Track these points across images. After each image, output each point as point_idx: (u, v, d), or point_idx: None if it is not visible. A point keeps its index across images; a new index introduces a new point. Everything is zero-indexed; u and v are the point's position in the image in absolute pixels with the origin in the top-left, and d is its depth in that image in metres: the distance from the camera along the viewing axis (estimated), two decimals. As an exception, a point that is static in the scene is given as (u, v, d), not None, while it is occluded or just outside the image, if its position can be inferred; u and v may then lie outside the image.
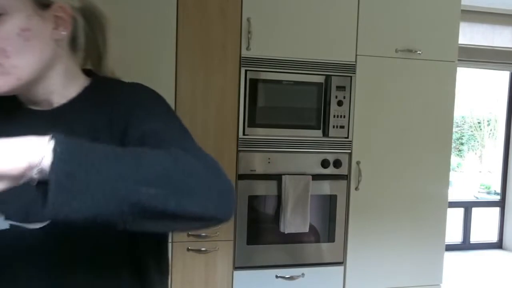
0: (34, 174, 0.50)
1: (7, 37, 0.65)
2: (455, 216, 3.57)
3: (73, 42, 0.76)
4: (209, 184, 0.59)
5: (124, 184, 0.53)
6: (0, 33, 0.64)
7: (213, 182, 0.60)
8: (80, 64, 0.80)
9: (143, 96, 0.76)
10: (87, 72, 0.80)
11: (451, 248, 3.60)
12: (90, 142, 0.54)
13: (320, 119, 2.09)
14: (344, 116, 2.09)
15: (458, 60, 2.24)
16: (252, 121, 2.01)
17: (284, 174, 2.02)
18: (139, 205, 0.53)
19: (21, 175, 0.51)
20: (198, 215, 0.58)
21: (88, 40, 0.78)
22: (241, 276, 2.03)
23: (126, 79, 0.82)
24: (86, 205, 0.50)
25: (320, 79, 2.07)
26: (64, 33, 0.71)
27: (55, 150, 0.50)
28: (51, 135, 0.52)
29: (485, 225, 4.15)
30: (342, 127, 2.10)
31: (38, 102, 0.75)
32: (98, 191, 0.51)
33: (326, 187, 2.12)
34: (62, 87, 0.75)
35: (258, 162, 2.01)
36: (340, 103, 2.08)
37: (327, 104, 2.08)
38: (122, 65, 2.02)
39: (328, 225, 2.14)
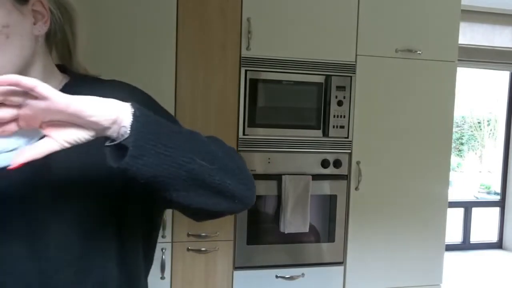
0: (116, 130, 0.57)
1: None
2: (455, 216, 3.57)
3: (47, 37, 0.74)
4: (243, 170, 0.71)
5: (185, 152, 0.61)
6: None
7: (245, 170, 0.72)
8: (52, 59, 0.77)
9: (148, 99, 0.79)
10: (60, 68, 0.78)
11: (451, 248, 3.60)
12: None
13: (320, 119, 2.09)
14: (344, 116, 2.10)
15: (458, 60, 2.24)
16: (252, 121, 2.01)
17: (284, 174, 2.02)
18: (192, 173, 0.61)
19: (106, 128, 0.56)
20: (233, 193, 0.67)
21: (59, 34, 0.76)
22: (241, 276, 2.03)
23: (126, 79, 0.81)
24: (154, 164, 0.57)
25: (320, 79, 2.07)
26: (44, 28, 0.70)
27: (134, 114, 0.57)
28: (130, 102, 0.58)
29: (485, 225, 4.16)
30: (342, 127, 2.10)
31: None
32: (165, 154, 0.58)
33: (326, 187, 2.12)
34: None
35: (258, 162, 2.01)
36: (340, 103, 2.08)
37: (327, 104, 2.08)
38: (122, 65, 2.03)
39: (328, 225, 2.14)
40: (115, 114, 0.57)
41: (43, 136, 0.57)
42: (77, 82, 0.76)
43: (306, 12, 2.03)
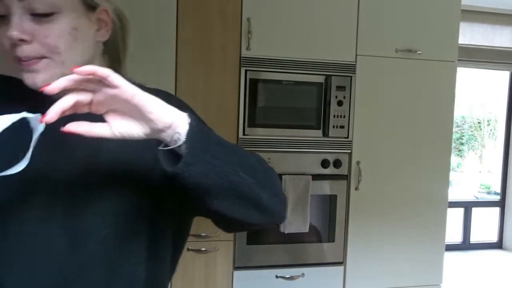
0: (169, 135, 0.60)
1: (60, 34, 0.68)
2: (455, 216, 3.57)
3: (105, 44, 0.79)
4: (278, 188, 0.75)
5: (231, 164, 0.65)
6: (55, 30, 0.67)
7: (280, 188, 0.75)
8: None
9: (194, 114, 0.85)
10: None
11: (451, 248, 3.60)
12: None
13: (320, 119, 2.09)
14: (344, 116, 2.10)
15: (458, 60, 2.24)
16: (252, 121, 2.01)
17: (284, 174, 2.02)
18: (235, 184, 0.65)
19: (161, 129, 0.60)
20: (267, 207, 0.70)
21: (112, 42, 0.82)
22: (241, 276, 2.03)
23: (126, 79, 0.81)
24: (203, 172, 0.61)
25: (320, 79, 2.07)
26: (106, 35, 0.76)
27: (191, 123, 0.61)
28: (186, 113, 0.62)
29: (485, 225, 4.16)
30: (342, 127, 2.10)
31: None
32: (214, 164, 0.62)
33: (326, 187, 2.12)
34: None
35: (258, 162, 2.01)
36: (340, 103, 2.08)
37: (327, 104, 2.08)
38: (122, 65, 2.01)
39: (328, 225, 2.14)
40: (172, 119, 0.60)
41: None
42: None
43: (306, 12, 2.03)
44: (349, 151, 2.12)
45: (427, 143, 2.21)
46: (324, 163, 2.09)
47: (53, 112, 0.57)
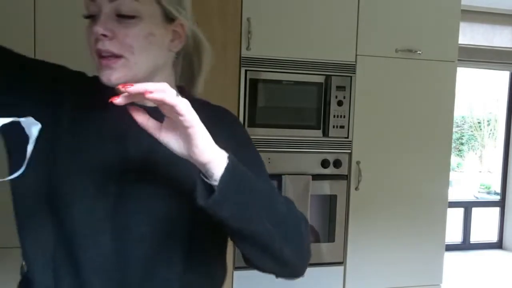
0: (203, 170, 0.65)
1: (137, 36, 0.75)
2: (455, 216, 3.57)
3: (177, 56, 0.86)
4: (304, 242, 0.77)
5: (258, 212, 0.69)
6: (133, 32, 0.74)
7: (306, 242, 0.78)
8: (176, 79, 0.90)
9: (245, 134, 0.95)
10: (179, 88, 0.89)
11: (451, 248, 3.60)
12: (245, 168, 0.69)
13: (320, 119, 2.09)
14: (344, 116, 2.09)
15: (458, 60, 2.24)
16: (252, 121, 2.01)
17: (284, 174, 2.02)
18: (257, 233, 0.70)
19: (198, 163, 0.64)
20: (286, 261, 0.76)
21: (187, 60, 0.90)
22: (241, 276, 2.03)
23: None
24: (229, 212, 0.66)
25: (320, 79, 2.07)
26: (178, 46, 0.83)
27: (227, 167, 0.65)
28: (228, 154, 0.66)
29: (485, 225, 4.16)
30: (342, 127, 2.10)
31: None
32: (241, 207, 0.67)
33: (326, 187, 2.12)
34: None
35: (258, 162, 2.01)
36: (340, 103, 2.08)
37: (327, 104, 2.08)
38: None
39: (328, 225, 2.14)
40: (210, 158, 0.64)
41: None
42: (190, 100, 0.85)
43: (306, 12, 2.03)
44: (349, 151, 2.12)
45: (427, 143, 2.21)
46: (324, 163, 2.09)
47: (125, 96, 0.61)
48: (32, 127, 0.59)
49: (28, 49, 1.73)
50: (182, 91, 0.88)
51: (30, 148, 0.59)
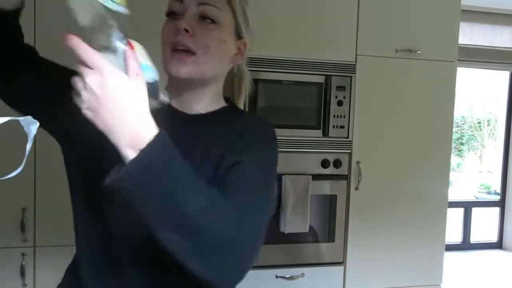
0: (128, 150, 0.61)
1: (214, 39, 0.84)
2: (455, 216, 3.57)
3: (231, 71, 0.95)
4: (231, 246, 0.67)
5: (166, 217, 0.63)
6: (212, 34, 0.83)
7: (238, 244, 0.69)
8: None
9: (259, 142, 0.96)
10: (225, 98, 0.96)
11: (451, 248, 3.60)
12: (182, 158, 0.64)
13: (320, 119, 2.09)
14: (344, 116, 2.09)
15: (458, 60, 2.24)
16: (252, 121, 2.00)
17: (284, 174, 2.02)
18: (156, 236, 0.64)
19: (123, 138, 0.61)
20: (201, 277, 0.66)
21: (228, 78, 0.96)
22: (241, 276, 2.03)
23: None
24: (135, 198, 0.62)
25: (320, 79, 2.07)
26: (238, 61, 0.93)
27: (151, 144, 0.60)
28: (163, 131, 0.62)
29: (485, 225, 4.16)
30: (342, 127, 2.10)
31: (181, 102, 0.88)
32: (151, 196, 0.61)
33: (326, 187, 2.12)
34: (209, 101, 0.90)
35: (258, 162, 2.01)
36: (340, 103, 2.08)
37: (327, 104, 2.08)
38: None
39: (328, 225, 2.14)
40: (132, 136, 0.61)
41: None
42: (230, 109, 0.95)
43: (306, 12, 2.03)
44: (349, 151, 2.12)
45: (427, 143, 2.21)
46: (324, 163, 2.09)
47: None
48: (31, 126, 0.59)
49: (28, 49, 1.73)
50: (227, 100, 0.96)
51: (28, 146, 0.59)
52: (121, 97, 0.59)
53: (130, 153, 0.60)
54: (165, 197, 0.62)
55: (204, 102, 0.90)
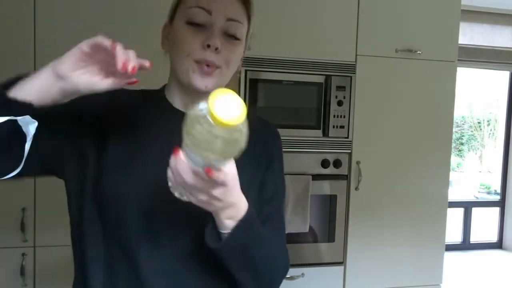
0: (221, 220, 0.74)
1: (238, 54, 0.90)
2: (455, 216, 3.57)
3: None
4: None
5: (243, 265, 0.80)
6: (236, 50, 0.88)
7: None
8: None
9: (281, 153, 1.09)
10: None
11: (451, 248, 3.60)
12: (256, 221, 0.80)
13: (320, 119, 2.09)
14: (344, 116, 2.09)
15: (458, 60, 2.24)
16: (252, 121, 2.00)
17: (284, 174, 2.02)
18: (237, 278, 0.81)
19: (213, 209, 0.72)
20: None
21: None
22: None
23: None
24: (229, 258, 0.77)
25: (320, 79, 2.07)
26: (239, 68, 0.98)
27: (244, 220, 0.74)
28: (248, 207, 0.76)
29: (485, 225, 4.15)
30: (342, 127, 2.10)
31: (188, 105, 0.90)
32: (239, 257, 0.78)
33: (326, 187, 2.12)
34: None
35: (258, 162, 2.01)
36: (340, 103, 2.08)
37: (327, 104, 2.08)
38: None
39: (328, 225, 2.14)
40: (225, 208, 0.72)
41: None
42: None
43: (306, 12, 2.03)
44: (349, 151, 2.12)
45: (427, 143, 2.21)
46: (324, 163, 2.09)
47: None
48: (29, 125, 0.59)
49: (28, 50, 1.73)
50: None
51: (27, 146, 0.59)
52: (236, 182, 0.73)
53: (229, 223, 0.73)
54: (246, 253, 0.78)
55: None
